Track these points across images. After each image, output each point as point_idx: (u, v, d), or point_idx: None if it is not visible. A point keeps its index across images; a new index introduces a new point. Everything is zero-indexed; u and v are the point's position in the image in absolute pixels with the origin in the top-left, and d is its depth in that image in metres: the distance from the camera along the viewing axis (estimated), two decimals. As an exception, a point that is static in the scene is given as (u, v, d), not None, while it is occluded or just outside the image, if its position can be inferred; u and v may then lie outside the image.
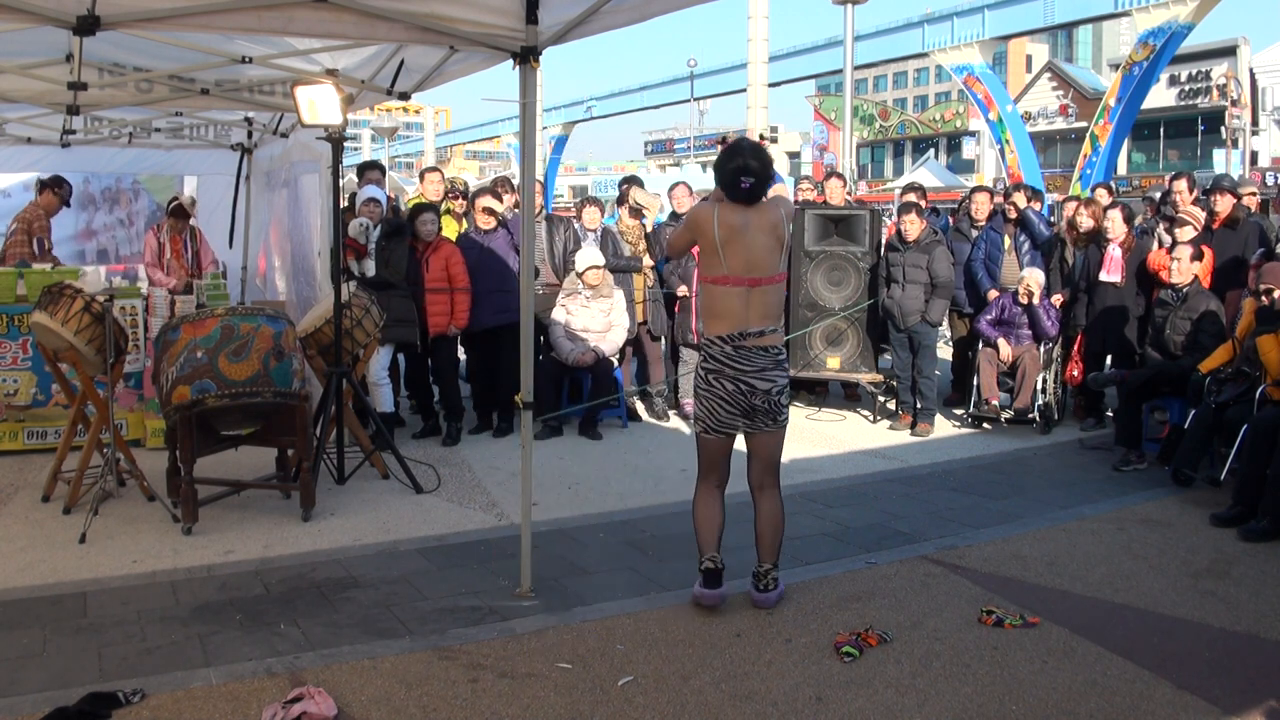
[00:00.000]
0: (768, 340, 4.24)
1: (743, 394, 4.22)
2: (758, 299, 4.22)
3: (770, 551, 4.35)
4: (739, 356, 4.22)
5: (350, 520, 5.58)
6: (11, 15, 3.95)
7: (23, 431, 6.89)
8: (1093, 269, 7.83)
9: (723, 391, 4.24)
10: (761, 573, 4.34)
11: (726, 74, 46.72)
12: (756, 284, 4.20)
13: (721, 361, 4.24)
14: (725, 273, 4.20)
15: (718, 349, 4.25)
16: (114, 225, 10.52)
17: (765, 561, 4.34)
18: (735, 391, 4.22)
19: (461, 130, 76.85)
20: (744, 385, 4.21)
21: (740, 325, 4.22)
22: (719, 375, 4.24)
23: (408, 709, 3.45)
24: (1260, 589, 4.57)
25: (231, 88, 6.51)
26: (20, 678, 3.66)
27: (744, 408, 4.24)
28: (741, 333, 4.21)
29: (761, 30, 35.05)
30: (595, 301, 7.73)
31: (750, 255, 4.19)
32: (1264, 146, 36.65)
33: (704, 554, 4.31)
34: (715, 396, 4.26)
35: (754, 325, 4.22)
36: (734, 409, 4.25)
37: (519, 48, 4.42)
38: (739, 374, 4.21)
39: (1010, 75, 52.26)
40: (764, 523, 4.37)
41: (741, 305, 4.21)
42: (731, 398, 4.23)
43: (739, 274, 4.19)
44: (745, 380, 4.21)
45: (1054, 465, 6.97)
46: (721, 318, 4.25)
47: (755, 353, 4.22)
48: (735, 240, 4.18)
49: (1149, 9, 21.60)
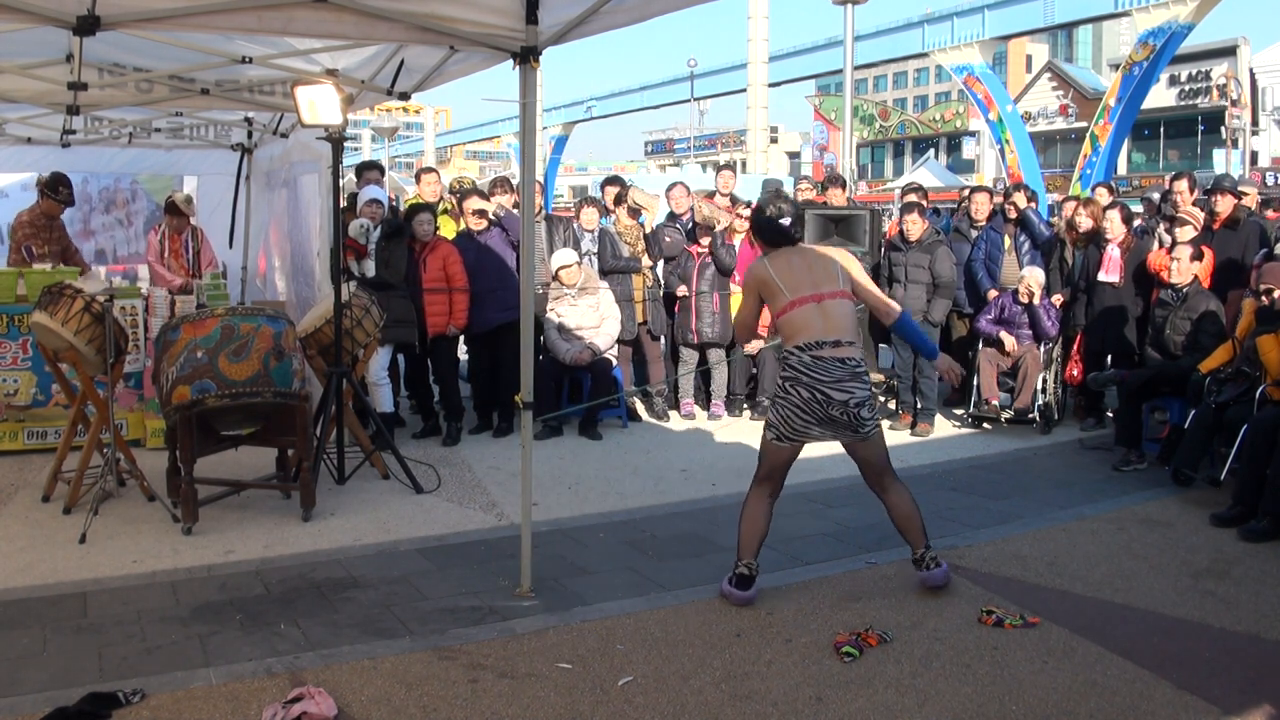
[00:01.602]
0: (844, 351, 4.28)
1: (818, 403, 4.25)
2: (830, 311, 4.30)
3: (920, 536, 4.47)
4: (816, 366, 4.25)
5: (350, 520, 5.58)
6: (11, 15, 3.95)
7: (23, 431, 6.89)
8: (1091, 269, 7.83)
9: (798, 399, 4.27)
10: (919, 557, 4.46)
11: (726, 74, 46.77)
12: (821, 298, 4.30)
13: (798, 370, 4.28)
14: (790, 299, 4.32)
15: (795, 358, 4.29)
16: (113, 225, 10.52)
17: (918, 546, 4.46)
18: (811, 400, 4.25)
19: (461, 130, 76.89)
20: (819, 394, 4.24)
21: (817, 335, 4.27)
22: (795, 383, 4.28)
23: (408, 709, 3.45)
24: (1260, 589, 4.57)
25: (231, 88, 6.51)
26: (20, 678, 3.66)
27: (819, 416, 4.28)
28: (818, 341, 4.26)
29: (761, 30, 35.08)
30: (582, 299, 7.75)
31: (811, 276, 4.34)
32: (1264, 146, 36.65)
33: (742, 559, 4.38)
34: (791, 405, 4.29)
35: (830, 335, 4.27)
36: (809, 417, 4.28)
37: (519, 48, 4.42)
38: (815, 383, 4.24)
39: (1010, 75, 52.24)
40: (901, 516, 4.48)
41: (815, 318, 4.29)
42: (807, 406, 4.26)
43: (803, 294, 4.30)
44: (821, 390, 4.24)
45: (1054, 465, 6.97)
46: (798, 331, 4.31)
47: (832, 363, 4.25)
48: (791, 271, 4.36)
49: (1149, 9, 21.59)
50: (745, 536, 4.40)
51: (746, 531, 4.41)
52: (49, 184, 8.09)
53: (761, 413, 8.27)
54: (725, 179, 9.39)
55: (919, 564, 4.48)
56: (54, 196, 8.07)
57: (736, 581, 4.36)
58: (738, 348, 8.40)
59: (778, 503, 4.50)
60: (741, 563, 4.38)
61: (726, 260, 8.22)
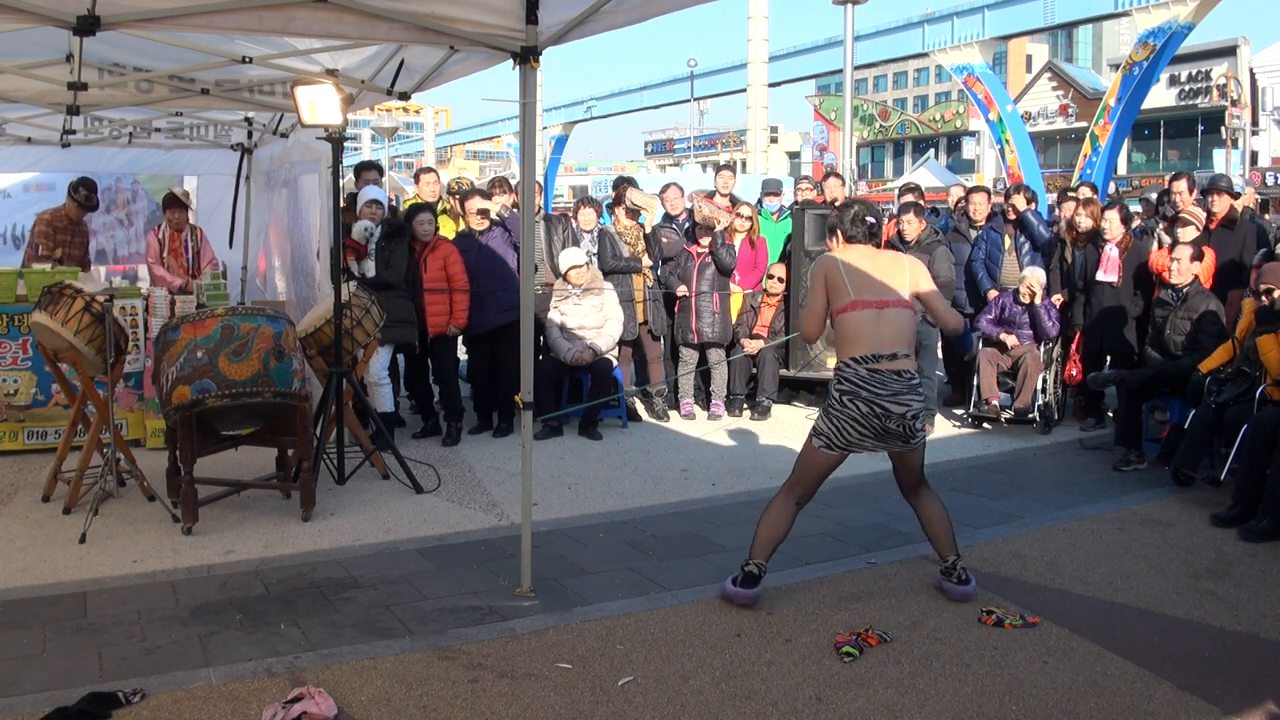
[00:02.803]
0: (900, 364, 4.25)
1: (877, 416, 4.22)
2: (889, 320, 4.26)
3: (950, 546, 4.45)
4: (874, 380, 4.22)
5: (350, 520, 5.58)
6: (11, 15, 3.95)
7: (23, 431, 6.89)
8: (1090, 269, 7.83)
9: (856, 413, 4.23)
10: (948, 567, 4.44)
11: (726, 74, 46.81)
12: (885, 305, 4.27)
13: (856, 384, 4.23)
14: (853, 298, 4.27)
15: (851, 370, 4.26)
16: (113, 225, 10.51)
17: (948, 556, 4.44)
18: (869, 414, 4.21)
19: (461, 130, 76.95)
20: (879, 408, 4.21)
21: (874, 348, 4.24)
22: (854, 396, 4.23)
23: (408, 709, 3.45)
24: (1260, 589, 4.57)
25: (231, 88, 6.51)
26: (20, 678, 3.66)
27: (876, 430, 4.25)
28: (875, 354, 4.23)
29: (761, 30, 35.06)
30: (586, 299, 7.76)
31: (879, 280, 4.30)
32: (1264, 146, 36.64)
33: (753, 558, 4.35)
34: (848, 417, 4.25)
35: (886, 348, 4.24)
36: (865, 430, 4.25)
37: (519, 48, 4.41)
38: (874, 397, 4.21)
39: (1010, 75, 52.25)
40: (932, 523, 4.47)
41: (873, 327, 4.25)
42: (865, 420, 4.23)
43: (867, 297, 4.27)
44: (880, 404, 4.20)
45: (1054, 465, 6.97)
46: (855, 341, 4.28)
47: (889, 376, 4.22)
48: (860, 271, 4.31)
49: (1149, 9, 21.58)
50: (762, 537, 4.37)
51: (764, 533, 4.37)
52: (72, 184, 8.22)
53: (762, 413, 8.27)
54: (725, 179, 9.39)
55: (947, 573, 4.44)
56: (72, 196, 8.17)
57: (742, 580, 4.33)
58: (737, 348, 8.41)
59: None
60: (752, 561, 4.34)
61: (726, 260, 8.22)
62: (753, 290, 8.63)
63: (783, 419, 8.36)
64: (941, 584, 4.48)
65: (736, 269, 8.44)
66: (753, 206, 8.90)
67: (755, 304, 8.55)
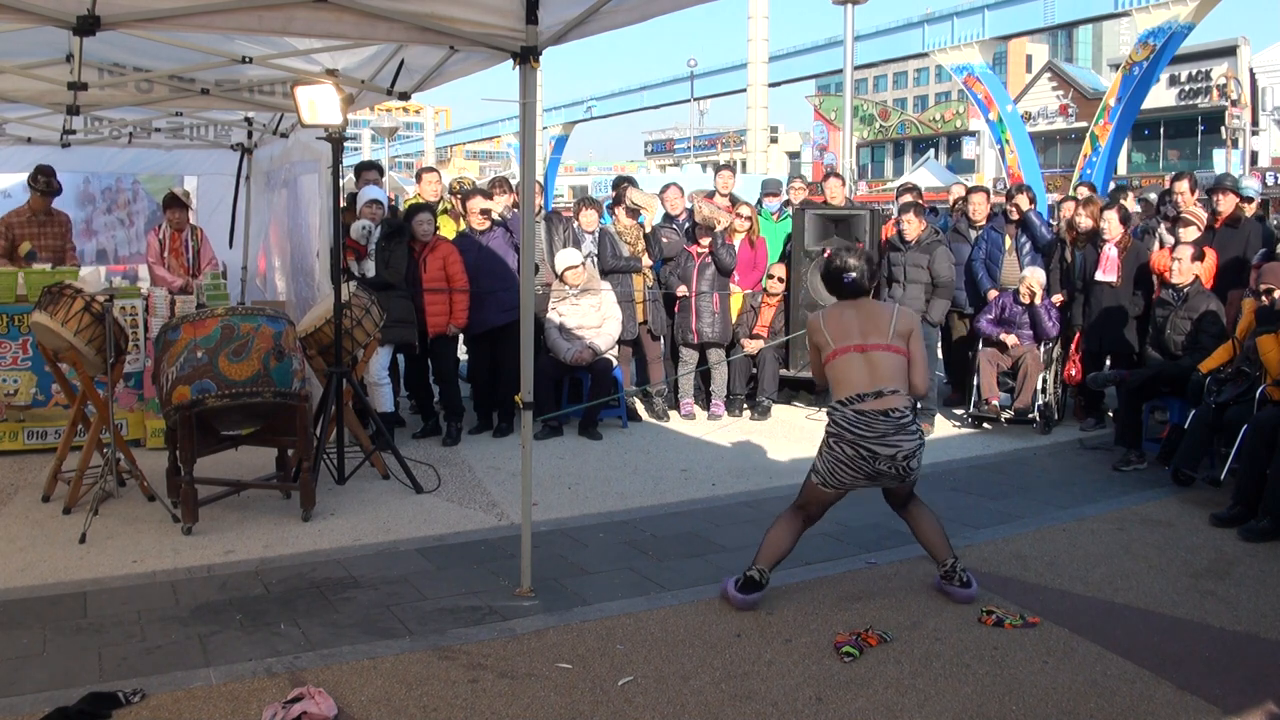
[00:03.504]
0: (887, 403, 4.20)
1: (864, 459, 4.20)
2: (869, 362, 4.26)
3: (946, 550, 4.45)
4: (859, 421, 4.20)
5: (350, 520, 5.58)
6: (11, 15, 3.95)
7: (23, 431, 6.89)
8: (1089, 269, 7.83)
9: (843, 455, 4.23)
10: (949, 570, 4.43)
11: (726, 74, 46.80)
12: (865, 349, 4.28)
13: (841, 426, 4.23)
14: (834, 347, 4.32)
15: (839, 414, 4.27)
16: (114, 225, 10.51)
17: (946, 560, 4.43)
18: (855, 457, 4.21)
19: (461, 130, 76.97)
20: (864, 450, 4.19)
21: (858, 387, 4.24)
22: (839, 439, 4.24)
23: (408, 709, 3.45)
24: (1260, 589, 4.57)
25: (231, 88, 6.51)
26: (20, 678, 3.66)
27: (867, 472, 4.24)
28: (859, 394, 4.22)
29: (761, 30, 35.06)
30: (584, 299, 7.76)
31: (859, 326, 4.32)
32: (1264, 146, 36.63)
33: (756, 564, 4.35)
34: (835, 459, 4.26)
35: (872, 386, 4.22)
36: (856, 472, 4.25)
37: (519, 48, 4.41)
38: (858, 439, 4.19)
39: (1010, 75, 52.25)
40: (925, 533, 4.49)
41: (858, 368, 4.26)
42: (853, 462, 4.22)
43: (846, 344, 4.29)
44: (864, 446, 4.19)
45: (1054, 465, 6.97)
46: (840, 384, 4.30)
47: (875, 418, 4.18)
48: (840, 323, 4.36)
49: (1149, 9, 21.58)
50: (768, 546, 4.38)
51: (770, 545, 4.38)
52: (30, 175, 8.09)
53: (762, 413, 8.27)
54: (725, 179, 9.39)
55: (949, 577, 4.43)
56: (32, 186, 8.07)
57: (742, 584, 4.32)
58: (737, 348, 8.41)
59: (778, 503, 4.52)
60: (755, 567, 4.33)
61: (726, 260, 8.22)
62: (753, 290, 8.63)
63: (783, 419, 8.36)
64: (944, 587, 4.47)
65: (736, 269, 8.44)
66: (752, 207, 8.90)
67: (755, 304, 8.55)
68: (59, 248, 8.24)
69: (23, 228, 8.07)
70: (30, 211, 8.13)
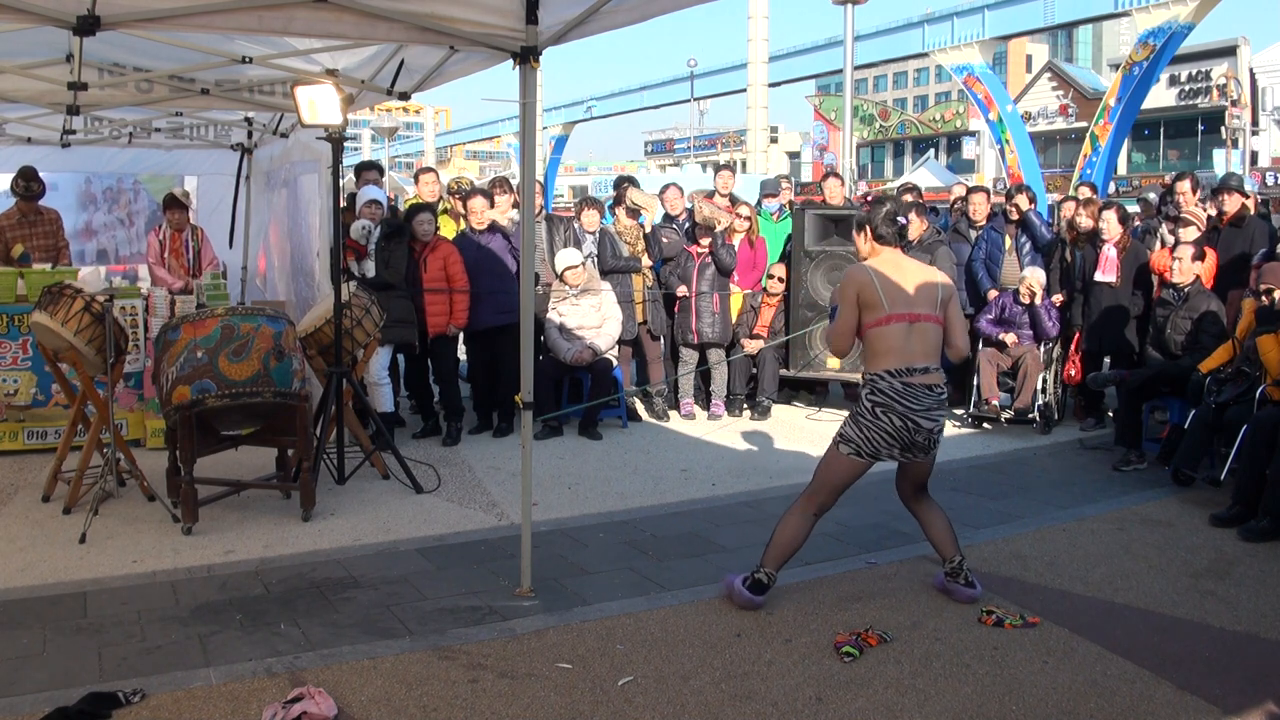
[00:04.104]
0: (932, 379, 4.23)
1: (908, 430, 4.21)
2: (922, 334, 4.23)
3: (954, 547, 4.44)
4: (908, 394, 4.19)
5: (350, 520, 5.58)
6: (11, 15, 3.95)
7: (23, 431, 6.89)
8: (1088, 269, 7.84)
9: (889, 425, 4.20)
10: (954, 569, 4.41)
11: (726, 74, 46.78)
12: (917, 319, 4.23)
13: (890, 396, 4.20)
14: (888, 312, 4.22)
15: (885, 383, 4.21)
16: (114, 225, 10.51)
17: (954, 557, 4.42)
18: (902, 427, 4.20)
19: (461, 130, 76.95)
20: (910, 423, 4.20)
21: (907, 360, 4.21)
22: (887, 410, 4.20)
23: (408, 709, 3.45)
24: (1260, 589, 4.57)
25: (231, 88, 6.51)
26: (20, 678, 3.66)
27: (904, 442, 4.25)
28: (909, 368, 4.20)
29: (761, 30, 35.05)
30: (584, 299, 7.75)
31: (912, 293, 4.25)
32: (1264, 146, 36.64)
33: (764, 565, 4.32)
34: (879, 428, 4.22)
35: (919, 361, 4.21)
36: (894, 441, 4.24)
37: (519, 48, 4.41)
38: (909, 411, 4.19)
39: (1010, 75, 52.25)
40: (936, 528, 4.47)
41: (904, 340, 4.22)
42: (897, 433, 4.21)
43: (900, 310, 4.22)
44: (913, 418, 4.19)
45: (1054, 465, 6.97)
46: (886, 354, 4.24)
47: (921, 391, 4.20)
48: (894, 283, 4.25)
49: (1149, 9, 21.59)
50: (778, 545, 4.33)
51: (780, 541, 4.33)
52: (11, 181, 8.07)
53: (762, 413, 8.27)
54: (724, 179, 9.39)
55: (954, 575, 4.42)
56: (13, 191, 8.05)
57: (752, 585, 4.30)
58: (737, 348, 8.41)
59: (777, 502, 4.51)
60: (763, 569, 4.30)
61: (727, 260, 8.22)
62: (752, 290, 8.63)
63: (783, 419, 8.36)
64: (947, 585, 4.47)
65: (736, 269, 8.44)
66: (752, 207, 8.90)
67: (755, 304, 8.55)
68: (51, 246, 8.23)
69: (13, 229, 8.06)
70: (19, 213, 8.13)
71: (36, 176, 8.15)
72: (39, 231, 8.17)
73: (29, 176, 8.09)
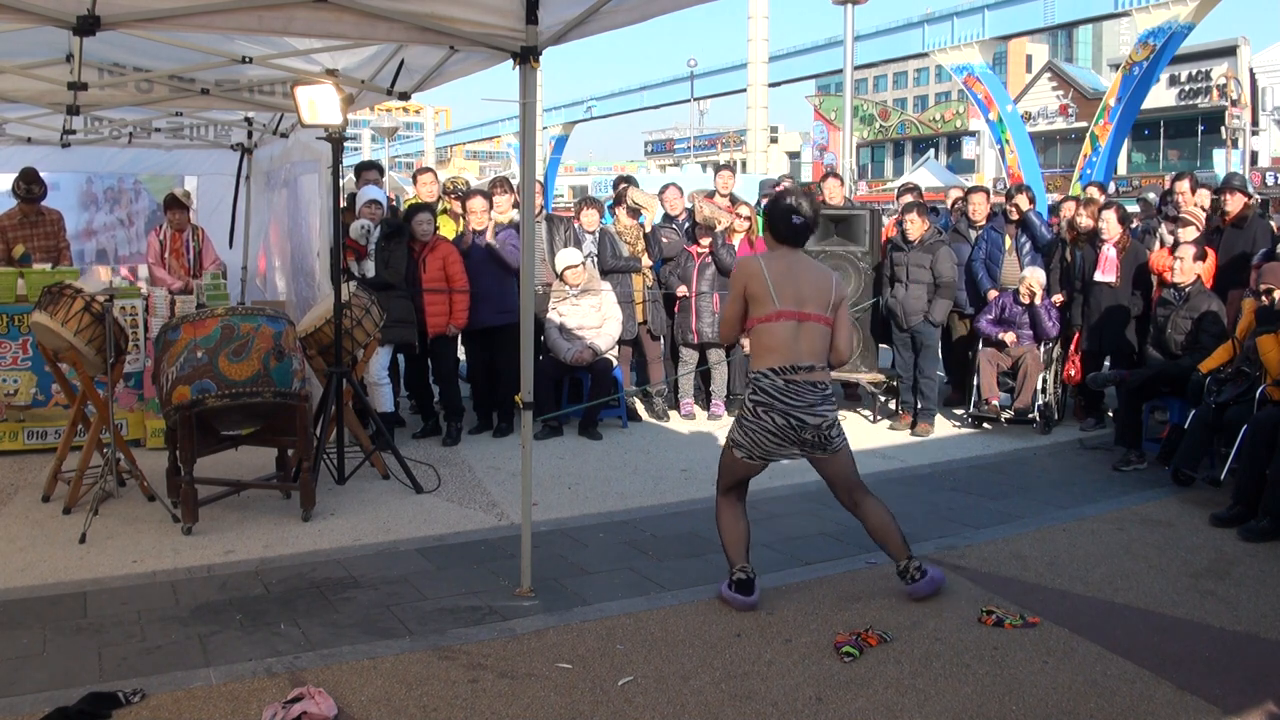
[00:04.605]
0: (817, 376, 4.23)
1: (792, 428, 4.20)
2: (807, 334, 4.22)
3: (900, 547, 4.37)
4: (789, 391, 4.19)
5: (350, 520, 5.58)
6: (11, 15, 3.95)
7: (23, 431, 6.89)
8: (1088, 269, 7.84)
9: (771, 425, 4.21)
10: (903, 569, 4.37)
11: (726, 74, 46.78)
12: (806, 318, 4.22)
13: (771, 395, 4.20)
14: (777, 308, 4.21)
15: (768, 382, 4.21)
16: (114, 225, 10.51)
17: (901, 558, 4.37)
18: (785, 426, 4.20)
19: (461, 130, 76.96)
20: (794, 420, 4.19)
21: (791, 359, 4.20)
22: (769, 409, 4.20)
23: (408, 709, 3.45)
24: (1260, 589, 4.57)
25: (231, 88, 6.51)
26: (20, 678, 3.66)
27: (793, 440, 4.24)
28: (793, 366, 4.20)
29: (761, 30, 35.04)
30: (584, 299, 7.76)
31: (800, 291, 4.23)
32: (1264, 146, 36.62)
33: (735, 564, 4.34)
34: (763, 429, 4.22)
35: (804, 360, 4.21)
36: (781, 440, 4.24)
37: (519, 48, 4.42)
38: (789, 409, 4.19)
39: (1010, 75, 52.26)
40: (879, 530, 4.38)
41: (792, 338, 4.21)
42: (781, 431, 4.21)
43: (790, 308, 4.21)
44: (795, 415, 4.19)
45: (1054, 465, 6.97)
46: (772, 351, 4.23)
47: (805, 387, 4.20)
48: (784, 278, 4.24)
49: (1149, 9, 21.60)
50: (730, 544, 4.36)
51: (729, 539, 4.36)
52: (14, 183, 8.07)
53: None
54: (724, 179, 9.39)
55: (903, 576, 4.38)
56: (14, 193, 8.07)
57: (737, 587, 4.32)
58: (738, 348, 8.41)
59: (777, 502, 4.50)
60: (736, 568, 4.33)
61: (727, 260, 8.21)
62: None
63: (783, 419, 8.35)
64: (903, 588, 4.40)
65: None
66: (752, 207, 8.90)
67: (755, 304, 8.54)
68: (53, 247, 8.24)
69: (14, 230, 8.07)
70: (20, 214, 8.14)
71: (37, 179, 8.16)
72: (40, 232, 8.18)
73: (29, 179, 8.10)
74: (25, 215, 8.13)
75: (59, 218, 8.44)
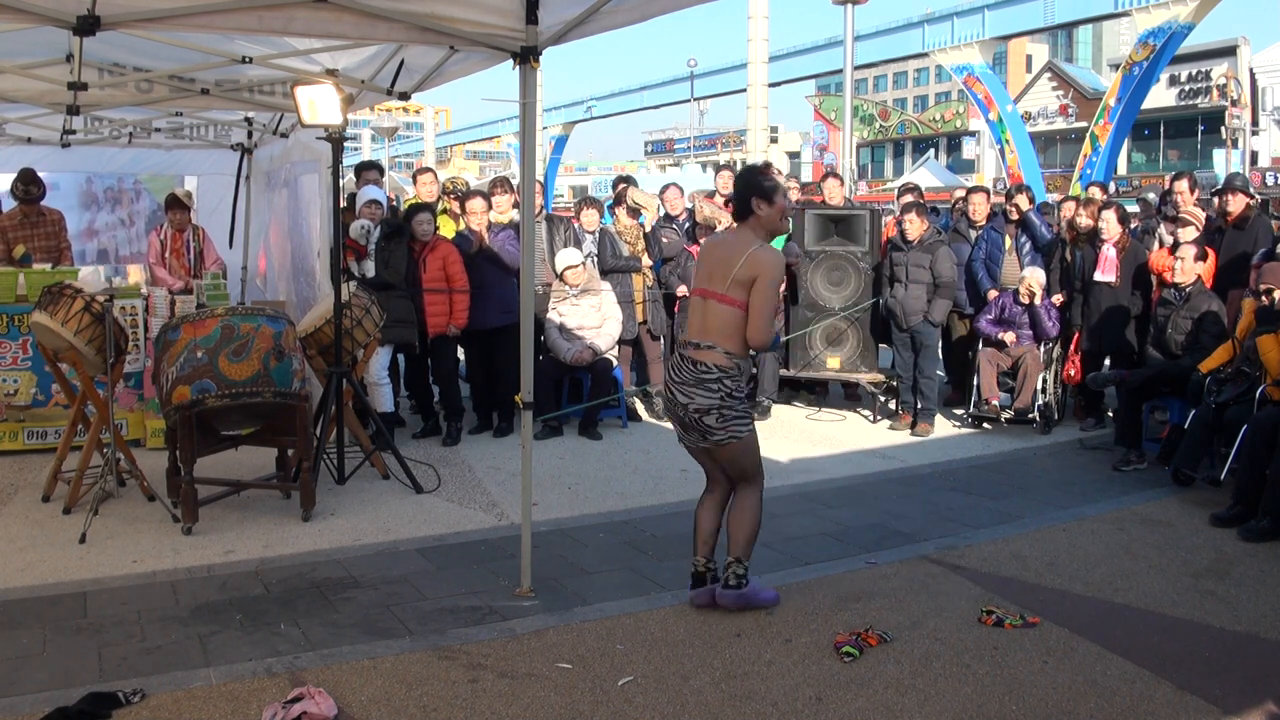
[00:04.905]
0: (702, 355, 4.06)
1: (671, 403, 4.20)
2: (709, 311, 4.11)
3: (740, 547, 4.22)
4: (673, 365, 4.21)
5: (350, 520, 5.58)
6: (11, 15, 3.95)
7: (23, 431, 6.89)
8: (1087, 269, 7.84)
9: (666, 398, 4.24)
10: (725, 566, 4.25)
11: (726, 74, 46.75)
12: (708, 295, 4.13)
13: (670, 369, 4.25)
14: (695, 285, 4.26)
15: (673, 358, 4.27)
16: (114, 225, 10.51)
17: (730, 558, 4.24)
18: (669, 400, 4.22)
19: (461, 130, 76.93)
20: (669, 395, 4.20)
21: (687, 335, 4.21)
22: (667, 384, 4.24)
23: (408, 709, 3.45)
24: (1260, 589, 4.57)
25: (231, 88, 6.51)
26: (20, 678, 3.66)
27: (679, 419, 4.21)
28: (685, 341, 4.20)
29: (761, 30, 35.02)
30: (584, 299, 7.76)
31: (710, 268, 4.17)
32: (1264, 146, 36.62)
33: (692, 556, 4.36)
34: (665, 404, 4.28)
35: (694, 336, 4.15)
36: (673, 418, 4.26)
37: (519, 48, 4.42)
38: (669, 383, 4.20)
39: (1010, 75, 52.25)
40: (734, 520, 4.27)
41: (694, 315, 4.21)
42: (669, 408, 4.26)
43: (701, 285, 4.19)
44: (671, 389, 4.18)
45: (1054, 465, 6.97)
46: (685, 326, 4.29)
47: (685, 364, 4.12)
48: (705, 256, 4.30)
49: (1149, 9, 21.62)
50: (696, 534, 4.36)
51: (696, 529, 4.37)
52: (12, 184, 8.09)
53: (762, 413, 8.27)
54: (725, 179, 9.38)
55: (721, 576, 4.24)
56: (13, 195, 8.09)
57: (690, 580, 4.34)
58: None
59: (777, 502, 4.48)
60: (691, 560, 4.34)
61: (727, 260, 8.20)
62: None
63: (783, 419, 8.36)
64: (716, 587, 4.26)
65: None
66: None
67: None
68: (53, 247, 8.24)
69: (15, 230, 8.08)
70: (21, 214, 8.15)
71: (36, 179, 8.16)
72: (40, 232, 8.18)
73: (28, 180, 8.10)
74: (26, 215, 8.14)
75: (60, 218, 8.45)
